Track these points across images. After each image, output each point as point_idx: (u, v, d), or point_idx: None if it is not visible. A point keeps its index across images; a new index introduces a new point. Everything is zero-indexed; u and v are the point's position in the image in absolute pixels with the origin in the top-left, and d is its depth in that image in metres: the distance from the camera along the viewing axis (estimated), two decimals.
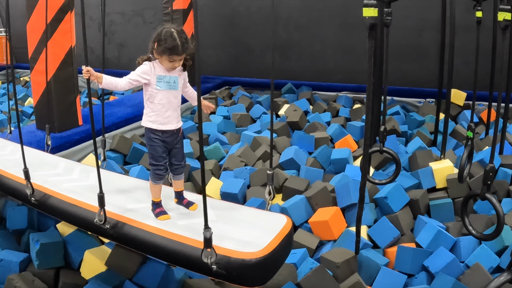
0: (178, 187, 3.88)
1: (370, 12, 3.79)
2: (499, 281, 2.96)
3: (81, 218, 3.70)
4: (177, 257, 3.26)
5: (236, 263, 3.02)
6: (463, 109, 8.29)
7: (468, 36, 5.34)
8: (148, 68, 3.54)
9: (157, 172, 3.65)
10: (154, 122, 3.59)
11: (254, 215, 3.73)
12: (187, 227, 3.44)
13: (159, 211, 3.63)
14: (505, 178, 5.47)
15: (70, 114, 6.69)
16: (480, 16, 4.67)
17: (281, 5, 10.33)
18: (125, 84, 3.55)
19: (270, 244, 3.19)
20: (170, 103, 3.59)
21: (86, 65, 3.37)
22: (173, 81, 3.58)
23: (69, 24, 6.42)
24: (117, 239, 3.55)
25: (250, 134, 7.15)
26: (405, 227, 4.87)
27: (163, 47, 3.44)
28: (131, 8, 12.21)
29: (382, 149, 4.62)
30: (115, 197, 3.86)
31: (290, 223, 3.55)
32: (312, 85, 10.15)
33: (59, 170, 4.59)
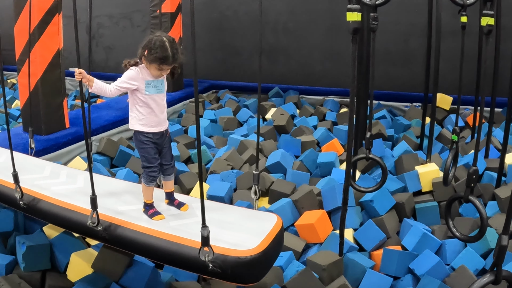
0: (168, 188, 3.91)
1: (354, 17, 3.82)
2: (482, 282, 2.97)
3: (73, 221, 3.70)
4: (172, 257, 3.28)
5: (231, 261, 3.06)
6: (449, 113, 8.34)
7: (454, 41, 5.39)
8: (135, 73, 3.56)
9: (150, 174, 3.67)
10: (145, 125, 3.62)
11: (245, 215, 3.78)
12: (180, 227, 3.46)
13: (153, 212, 3.66)
14: (490, 181, 5.50)
15: (57, 116, 6.68)
16: (465, 21, 4.71)
17: (269, 9, 10.35)
18: (114, 91, 3.58)
19: (263, 242, 3.24)
20: (159, 106, 3.63)
21: (78, 67, 3.39)
22: (160, 84, 3.62)
23: (57, 26, 6.41)
24: (110, 241, 3.56)
25: (237, 137, 7.16)
26: (391, 230, 4.90)
27: (154, 56, 3.46)
28: (119, 11, 12.20)
29: (368, 156, 4.63)
30: (105, 200, 3.86)
31: (280, 221, 3.61)
32: (299, 89, 10.18)
33: (46, 174, 4.58)
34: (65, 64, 6.73)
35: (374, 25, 4.16)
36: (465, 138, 7.35)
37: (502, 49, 6.09)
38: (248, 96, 10.25)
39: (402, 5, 8.84)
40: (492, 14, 3.80)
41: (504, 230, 2.92)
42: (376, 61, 4.67)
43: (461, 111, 8.48)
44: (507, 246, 2.91)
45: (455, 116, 7.87)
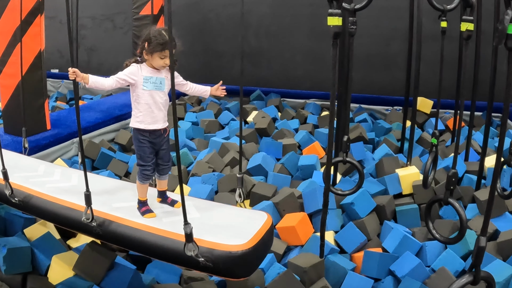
0: (162, 187, 3.93)
1: (335, 21, 3.84)
2: (460, 283, 3.00)
3: (67, 217, 3.69)
4: (165, 253, 3.29)
5: (223, 256, 3.08)
6: (429, 117, 8.41)
7: (435, 45, 5.43)
8: (135, 69, 3.61)
9: (144, 172, 3.69)
10: (142, 122, 3.64)
11: (236, 212, 3.80)
12: (173, 224, 3.46)
13: (145, 209, 3.66)
14: (470, 184, 5.55)
15: (39, 118, 6.65)
16: (445, 26, 4.75)
17: (251, 13, 10.38)
18: (112, 82, 3.60)
19: (254, 237, 3.26)
20: (156, 103, 3.63)
21: (72, 67, 3.40)
22: (160, 81, 3.64)
23: (39, 27, 6.38)
24: (104, 237, 3.55)
25: (218, 140, 7.16)
26: (372, 233, 4.92)
27: (155, 43, 3.52)
28: (102, 13, 12.17)
29: (345, 159, 4.66)
30: (100, 197, 3.85)
31: (270, 219, 3.63)
32: (281, 92, 10.21)
33: (40, 172, 4.57)
34: (47, 65, 6.70)
35: (353, 30, 4.19)
36: (445, 141, 7.41)
37: (482, 53, 6.15)
38: (230, 99, 10.24)
39: (384, 9, 8.90)
40: (472, 20, 3.84)
41: (482, 232, 2.96)
42: (357, 65, 4.70)
43: (441, 115, 8.54)
44: (485, 247, 2.95)
45: (435, 119, 7.96)
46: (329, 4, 3.80)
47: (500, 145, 3.00)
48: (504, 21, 2.43)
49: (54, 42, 9.92)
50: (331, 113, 4.20)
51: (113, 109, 8.24)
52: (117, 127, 7.88)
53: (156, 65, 3.60)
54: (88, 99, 10.64)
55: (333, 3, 3.79)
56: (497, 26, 2.46)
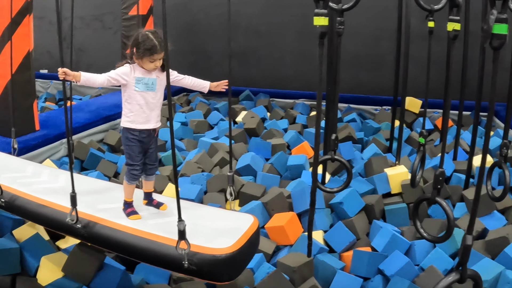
0: (148, 188, 3.92)
1: (321, 21, 3.85)
2: (447, 281, 3.02)
3: (52, 218, 3.69)
4: (149, 255, 3.28)
5: (207, 259, 3.07)
6: (418, 116, 8.43)
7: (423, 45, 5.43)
8: (128, 69, 3.61)
9: (132, 172, 3.69)
10: (133, 122, 3.64)
11: (222, 215, 3.81)
12: (158, 226, 3.47)
13: (130, 211, 3.66)
14: (459, 183, 5.58)
15: (27, 119, 6.62)
16: (432, 26, 4.78)
17: (240, 13, 10.38)
18: (104, 80, 3.60)
19: (239, 241, 3.25)
20: (147, 103, 3.64)
21: (62, 67, 3.39)
22: (151, 82, 3.64)
23: (27, 27, 6.36)
24: (89, 238, 3.54)
25: (207, 140, 7.16)
26: (361, 232, 4.93)
27: (143, 49, 3.52)
28: (91, 13, 12.14)
29: (333, 157, 4.67)
30: (85, 198, 3.84)
31: (256, 221, 3.63)
32: (270, 92, 10.22)
33: (28, 173, 4.56)
34: (35, 65, 6.68)
35: (341, 29, 4.20)
36: (434, 140, 7.43)
37: (470, 53, 6.17)
38: (219, 99, 10.26)
39: (372, 10, 8.91)
40: (458, 20, 3.86)
41: (468, 230, 2.97)
42: (346, 65, 4.72)
43: (430, 114, 8.57)
44: (472, 246, 2.96)
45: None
46: (316, 4, 3.81)
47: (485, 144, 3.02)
48: (489, 21, 2.45)
49: (44, 42, 9.89)
50: (317, 112, 4.20)
51: (102, 110, 8.22)
52: (106, 128, 7.87)
53: (147, 68, 3.61)
54: (77, 100, 10.61)
55: (320, 3, 3.80)
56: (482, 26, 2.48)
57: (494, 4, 2.45)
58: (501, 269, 4.11)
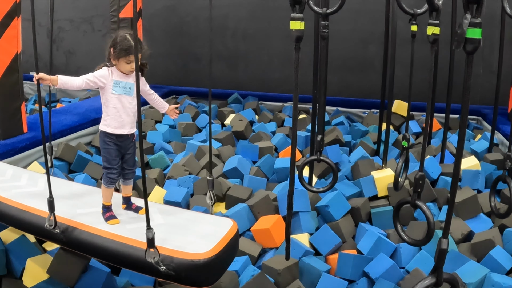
0: (126, 193, 3.93)
1: (297, 25, 3.87)
2: (423, 284, 3.03)
3: (31, 224, 3.69)
4: (127, 260, 3.29)
5: (185, 264, 3.08)
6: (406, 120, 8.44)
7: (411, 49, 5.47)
8: (106, 72, 3.62)
9: (110, 175, 3.69)
10: (109, 126, 3.65)
11: (201, 219, 3.79)
12: (136, 230, 3.47)
13: (109, 216, 3.66)
14: (445, 186, 5.59)
15: (15, 121, 6.61)
16: (415, 30, 4.81)
17: (228, 16, 10.40)
18: (81, 83, 3.60)
19: (217, 245, 3.26)
20: (124, 108, 3.65)
21: (36, 72, 3.38)
22: (129, 87, 3.64)
23: (16, 29, 6.35)
24: (67, 243, 3.55)
25: (195, 143, 7.16)
26: (347, 235, 4.94)
27: (119, 49, 3.53)
28: (80, 15, 12.13)
29: (319, 158, 4.68)
30: (64, 203, 3.85)
31: (235, 226, 3.64)
32: (259, 95, 10.23)
33: (7, 177, 4.55)
34: (24, 68, 6.67)
35: (325, 33, 4.22)
36: (421, 143, 7.45)
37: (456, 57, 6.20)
38: (207, 102, 10.25)
39: (360, 13, 8.95)
40: (438, 24, 3.89)
41: (443, 234, 2.99)
42: (334, 68, 4.73)
43: (418, 117, 8.60)
44: (447, 250, 2.97)
45: (412, 122, 8.04)
46: (292, 8, 3.83)
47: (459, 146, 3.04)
48: (463, 25, 2.46)
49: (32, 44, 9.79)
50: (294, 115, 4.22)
51: (90, 112, 8.21)
52: (94, 130, 7.85)
53: (124, 70, 3.61)
54: (66, 102, 10.61)
55: (296, 7, 3.81)
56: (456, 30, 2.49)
57: (468, 8, 2.47)
58: (486, 271, 4.14)
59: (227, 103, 10.16)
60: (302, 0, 3.76)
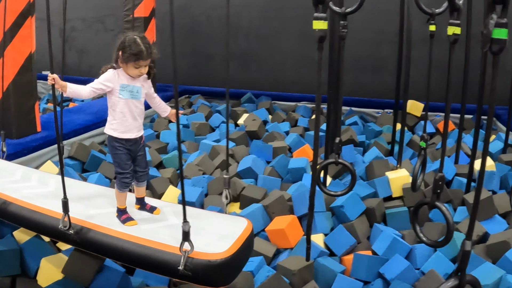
0: (140, 194, 3.86)
1: (320, 25, 3.83)
2: (446, 286, 3.01)
3: (44, 225, 3.66)
4: (143, 261, 3.26)
5: (202, 264, 3.05)
6: (420, 120, 8.41)
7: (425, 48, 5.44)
8: (111, 75, 3.53)
9: (123, 180, 3.62)
10: (116, 130, 3.57)
11: (216, 219, 3.77)
12: (151, 231, 3.45)
13: (126, 217, 3.61)
14: (460, 187, 5.56)
15: (29, 120, 6.62)
16: (434, 29, 4.78)
17: (241, 15, 10.39)
18: (89, 92, 3.52)
19: (233, 245, 3.24)
20: (131, 112, 3.56)
21: (51, 73, 3.35)
22: (136, 90, 3.56)
23: (29, 29, 6.36)
24: (82, 244, 3.52)
25: (208, 143, 7.16)
26: (361, 235, 4.92)
27: (128, 53, 3.42)
28: (92, 15, 12.16)
29: (337, 160, 4.66)
30: (77, 203, 3.82)
31: (250, 225, 3.61)
32: (272, 95, 10.21)
33: (17, 177, 4.54)
34: (37, 67, 6.68)
35: (344, 33, 4.19)
36: (436, 144, 7.42)
37: (471, 57, 6.17)
38: (221, 102, 10.25)
39: (374, 13, 8.91)
40: (459, 24, 3.86)
41: (467, 236, 2.96)
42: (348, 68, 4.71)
43: (432, 118, 8.56)
44: (471, 251, 2.95)
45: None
46: (315, 8, 3.79)
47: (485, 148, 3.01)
48: (489, 26, 2.44)
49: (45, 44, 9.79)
50: (316, 116, 4.20)
51: (104, 112, 8.11)
52: None
53: (132, 74, 3.53)
54: (79, 102, 10.62)
55: (319, 6, 3.78)
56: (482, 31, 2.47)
57: (494, 9, 2.45)
58: (501, 273, 4.09)
59: (241, 103, 10.16)
60: (325, 0, 3.72)
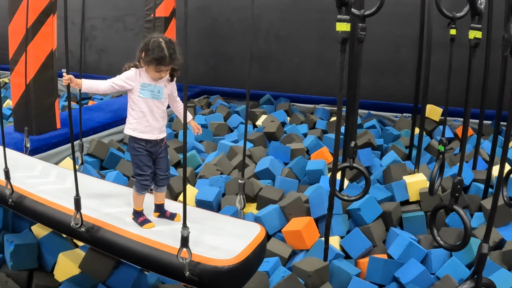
0: (159, 200, 3.78)
1: (343, 27, 3.84)
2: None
3: (57, 221, 3.69)
4: (150, 262, 3.27)
5: (209, 270, 3.03)
6: (438, 124, 8.39)
7: (445, 52, 5.44)
8: (133, 74, 3.51)
9: (143, 182, 3.58)
10: (135, 130, 3.54)
11: (228, 223, 3.74)
12: (162, 233, 3.46)
13: (143, 220, 3.59)
14: (477, 192, 5.55)
15: (49, 117, 6.68)
16: (454, 33, 4.76)
17: (261, 17, 10.41)
18: (108, 87, 3.51)
19: (243, 252, 3.20)
20: (151, 112, 3.53)
21: (67, 72, 3.36)
22: (158, 90, 3.52)
23: (51, 27, 6.42)
24: (92, 242, 3.55)
25: (226, 143, 7.18)
26: (377, 239, 4.92)
27: (151, 57, 3.39)
28: (113, 14, 12.22)
29: (352, 165, 4.66)
30: (91, 201, 3.84)
31: (263, 232, 3.57)
32: (290, 96, 10.21)
33: (36, 172, 4.58)
34: (58, 65, 6.74)
35: (362, 36, 4.20)
36: (454, 149, 7.40)
37: (491, 61, 6.14)
38: (239, 102, 10.27)
39: (394, 16, 8.89)
40: (480, 28, 3.85)
41: (484, 238, 2.96)
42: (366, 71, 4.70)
43: (450, 123, 8.53)
44: (488, 254, 2.95)
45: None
46: (338, 10, 3.80)
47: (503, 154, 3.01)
48: (510, 30, 2.44)
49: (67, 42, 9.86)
50: (338, 118, 4.20)
51: (123, 110, 8.22)
52: None
53: (152, 77, 3.49)
54: (99, 100, 10.68)
55: (342, 9, 3.79)
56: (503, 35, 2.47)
57: None
58: None
59: (259, 104, 10.16)
60: (349, 2, 3.73)
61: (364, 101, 8.87)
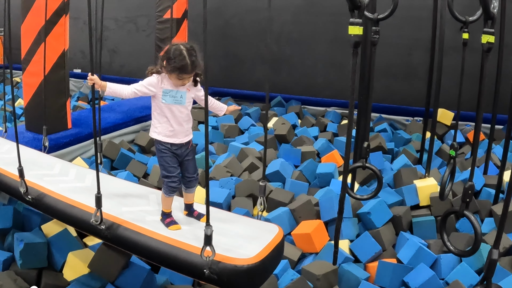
0: (189, 200, 3.82)
1: (356, 30, 3.83)
2: None
3: (77, 218, 3.71)
4: (170, 261, 3.28)
5: (228, 269, 3.05)
6: (450, 129, 8.36)
7: (457, 56, 5.42)
8: (155, 80, 3.52)
9: (170, 184, 3.58)
10: (160, 134, 3.56)
11: (247, 224, 3.76)
12: (182, 232, 3.48)
13: (170, 221, 3.59)
14: (488, 198, 5.52)
15: (60, 117, 6.70)
16: (467, 38, 4.74)
17: (273, 19, 10.39)
18: (130, 93, 3.53)
19: (262, 252, 3.22)
20: (175, 117, 3.54)
21: (92, 74, 3.37)
22: (180, 95, 3.53)
23: (63, 27, 6.44)
24: (111, 240, 3.56)
25: (237, 145, 7.18)
26: (387, 243, 4.91)
27: (172, 66, 3.39)
28: (125, 15, 12.24)
29: (364, 164, 4.65)
30: (110, 199, 3.86)
31: (281, 233, 3.59)
32: (302, 99, 10.21)
33: (56, 171, 4.61)
34: (69, 65, 6.76)
35: (375, 39, 4.19)
36: (465, 154, 7.37)
37: (504, 66, 6.12)
38: (250, 104, 10.27)
39: (406, 19, 8.87)
40: (493, 32, 3.83)
41: (495, 244, 2.95)
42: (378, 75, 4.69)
43: (462, 127, 8.50)
44: (498, 260, 2.94)
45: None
46: (351, 14, 3.80)
47: None
48: None
49: (77, 42, 9.95)
50: (349, 121, 4.20)
51: (134, 111, 8.28)
52: (137, 129, 7.93)
53: (175, 84, 3.50)
54: (110, 100, 10.71)
55: (355, 12, 3.78)
56: None
57: None
58: None
59: (270, 106, 10.15)
60: (361, 6, 3.72)
61: (375, 105, 8.82)
